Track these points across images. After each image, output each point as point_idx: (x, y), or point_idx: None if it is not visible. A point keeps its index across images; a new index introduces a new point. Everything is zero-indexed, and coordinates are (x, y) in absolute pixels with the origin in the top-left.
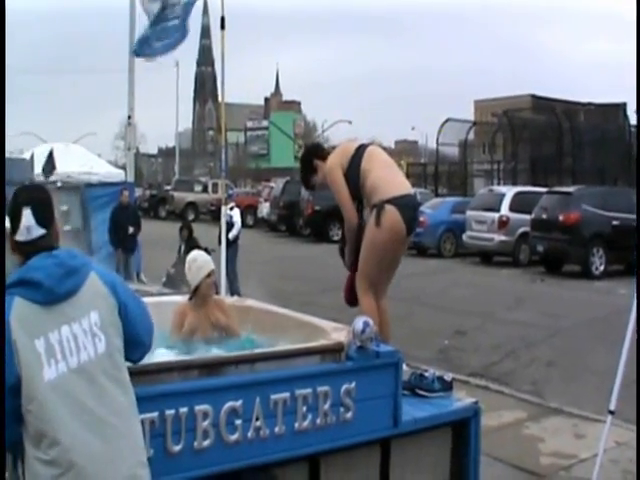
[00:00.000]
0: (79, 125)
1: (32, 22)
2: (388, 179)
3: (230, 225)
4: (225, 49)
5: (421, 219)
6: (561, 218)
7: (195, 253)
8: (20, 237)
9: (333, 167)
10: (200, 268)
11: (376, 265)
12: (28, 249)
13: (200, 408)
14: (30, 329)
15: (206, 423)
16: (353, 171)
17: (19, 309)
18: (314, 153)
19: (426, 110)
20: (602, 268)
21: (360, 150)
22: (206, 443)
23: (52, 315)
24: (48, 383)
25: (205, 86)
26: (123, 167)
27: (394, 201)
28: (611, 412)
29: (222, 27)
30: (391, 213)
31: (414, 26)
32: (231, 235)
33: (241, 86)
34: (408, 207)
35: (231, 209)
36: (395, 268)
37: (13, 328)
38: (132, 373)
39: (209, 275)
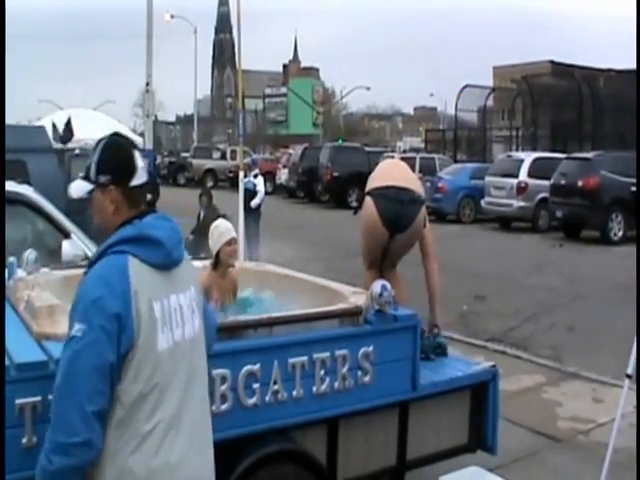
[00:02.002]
0: (98, 93)
1: None
2: (378, 173)
3: (254, 193)
4: (243, 16)
5: (440, 185)
6: (580, 184)
7: (219, 221)
8: (139, 180)
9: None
10: (221, 234)
11: (366, 249)
12: (142, 196)
13: (218, 372)
14: (149, 290)
15: (224, 387)
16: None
17: (135, 268)
18: None
19: (445, 76)
20: (621, 233)
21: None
22: (224, 407)
23: (163, 281)
24: (161, 353)
25: (224, 53)
26: (142, 134)
27: (372, 191)
28: (628, 376)
29: None
30: (366, 204)
31: None
32: (254, 203)
33: (260, 53)
34: (387, 198)
35: (255, 177)
36: (397, 256)
37: (134, 287)
38: None
39: (229, 243)
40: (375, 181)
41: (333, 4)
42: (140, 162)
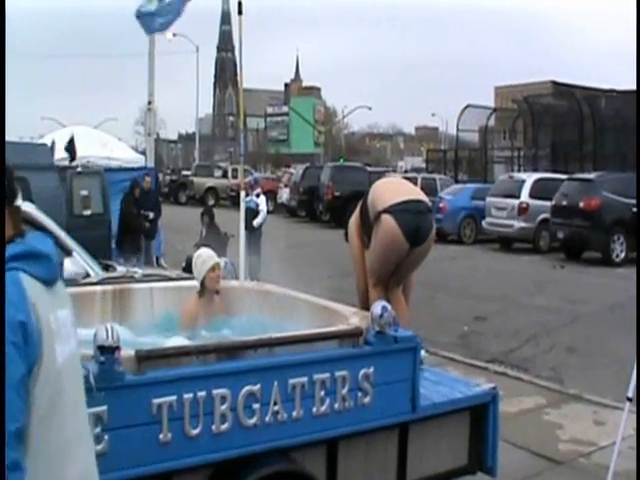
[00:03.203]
0: (99, 111)
1: (55, 7)
2: (385, 191)
3: (256, 212)
4: (245, 35)
5: (441, 205)
6: (581, 205)
7: (200, 250)
8: (19, 202)
9: (351, 233)
10: (204, 262)
11: (379, 269)
12: (20, 218)
13: (218, 392)
14: (43, 303)
15: (224, 407)
16: (365, 217)
17: (28, 283)
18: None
19: (446, 96)
20: (623, 255)
21: (366, 194)
22: (224, 427)
23: (51, 296)
24: (60, 366)
25: (225, 72)
26: (143, 152)
27: (389, 209)
28: (629, 399)
29: (239, 12)
30: (385, 221)
31: (436, 15)
32: (256, 222)
33: (261, 72)
34: (407, 212)
35: (257, 196)
36: (409, 270)
37: (32, 300)
38: (151, 356)
39: (213, 269)
40: (389, 199)
41: (335, 24)
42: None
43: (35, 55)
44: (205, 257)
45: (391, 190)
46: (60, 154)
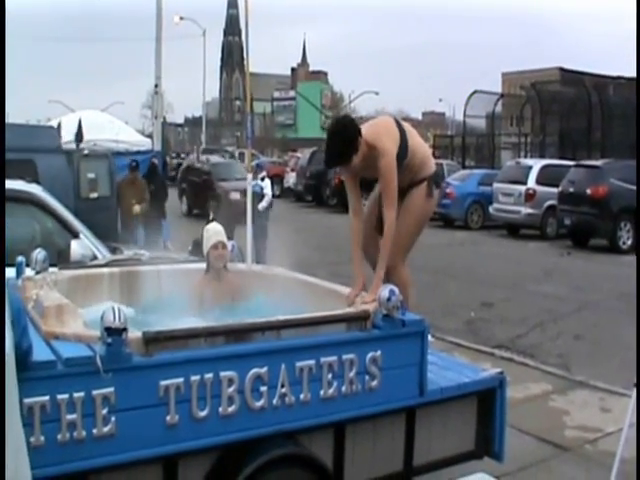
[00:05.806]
0: (107, 94)
1: None
2: (429, 154)
3: (261, 196)
4: (251, 19)
5: (448, 191)
6: (589, 192)
7: (210, 225)
8: None
9: (394, 155)
10: (208, 239)
11: (417, 235)
12: None
13: (226, 374)
14: None
15: (232, 389)
16: (402, 151)
17: None
18: (359, 131)
19: (454, 82)
20: (630, 242)
21: (401, 128)
22: (231, 409)
23: None
24: None
25: (232, 56)
26: (150, 136)
27: (435, 175)
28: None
29: None
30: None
31: (444, 1)
32: (261, 206)
33: (268, 56)
34: (439, 181)
35: (262, 179)
36: None
37: None
38: (159, 338)
39: (216, 246)
40: (432, 164)
41: (341, 9)
42: None
43: (42, 38)
44: (211, 233)
45: (430, 153)
46: (67, 137)
